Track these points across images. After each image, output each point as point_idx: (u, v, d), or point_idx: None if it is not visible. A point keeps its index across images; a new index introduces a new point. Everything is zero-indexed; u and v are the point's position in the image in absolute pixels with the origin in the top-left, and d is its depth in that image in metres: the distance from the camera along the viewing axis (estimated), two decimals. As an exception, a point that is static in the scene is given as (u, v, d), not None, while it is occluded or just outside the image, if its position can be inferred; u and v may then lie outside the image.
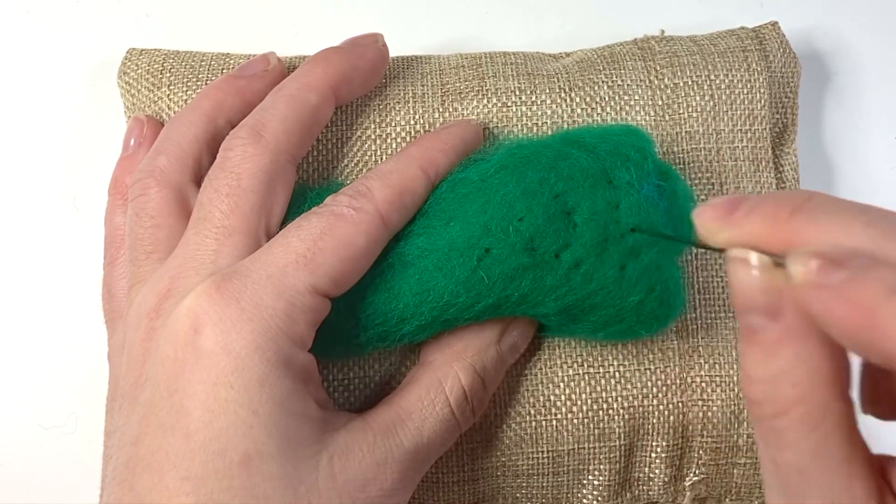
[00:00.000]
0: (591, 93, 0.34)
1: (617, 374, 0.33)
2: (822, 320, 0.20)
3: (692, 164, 0.34)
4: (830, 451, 0.21)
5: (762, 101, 0.35)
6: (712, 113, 0.35)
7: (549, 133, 0.34)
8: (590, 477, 0.34)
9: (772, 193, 0.23)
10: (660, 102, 0.35)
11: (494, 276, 0.29)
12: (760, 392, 0.22)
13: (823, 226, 0.21)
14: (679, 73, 0.35)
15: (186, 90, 0.34)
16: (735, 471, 0.34)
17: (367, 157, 0.34)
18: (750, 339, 0.22)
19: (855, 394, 0.21)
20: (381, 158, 0.34)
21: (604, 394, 0.33)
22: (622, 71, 0.35)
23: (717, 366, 0.33)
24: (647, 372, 0.33)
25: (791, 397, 0.21)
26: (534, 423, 0.33)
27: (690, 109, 0.35)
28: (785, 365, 0.21)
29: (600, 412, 0.33)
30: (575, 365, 0.33)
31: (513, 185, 0.29)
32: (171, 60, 0.35)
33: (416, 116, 0.34)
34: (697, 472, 0.34)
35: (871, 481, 0.21)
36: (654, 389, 0.33)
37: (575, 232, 0.29)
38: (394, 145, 0.34)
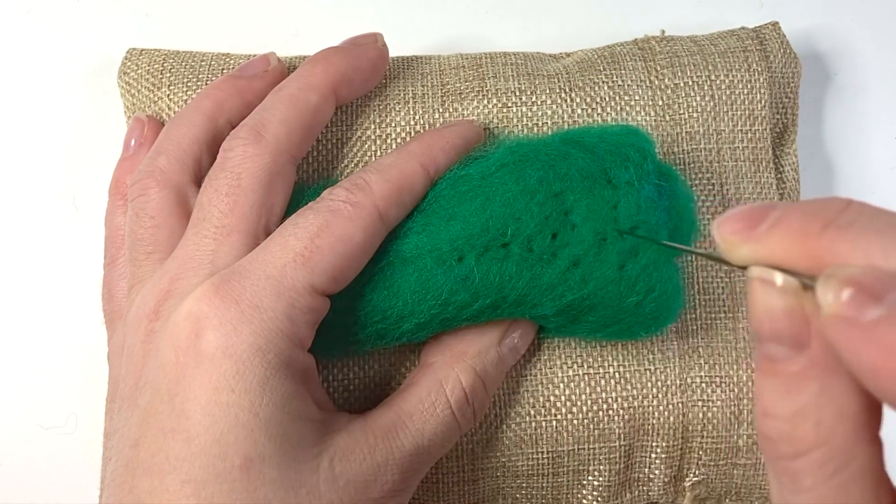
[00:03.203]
0: (592, 93, 0.34)
1: (617, 374, 0.33)
2: (848, 360, 0.17)
3: (692, 165, 0.34)
4: (853, 499, 0.19)
5: (762, 102, 0.35)
6: (713, 113, 0.35)
7: (549, 133, 0.34)
8: (590, 478, 0.34)
9: (802, 202, 0.20)
10: (660, 103, 0.34)
11: (493, 274, 0.29)
12: (777, 430, 0.19)
13: (861, 243, 0.18)
14: (679, 74, 0.35)
15: (187, 90, 0.34)
16: (735, 471, 0.34)
17: (366, 158, 0.34)
18: (769, 369, 0.19)
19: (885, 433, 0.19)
20: (382, 159, 0.34)
21: (604, 394, 0.33)
22: (622, 71, 0.35)
23: (717, 366, 0.33)
24: (647, 372, 0.33)
25: (812, 438, 0.19)
26: (534, 424, 0.33)
27: (691, 110, 0.35)
28: (807, 402, 0.19)
29: (600, 413, 0.33)
30: (575, 366, 0.33)
31: (512, 183, 0.29)
32: (172, 60, 0.35)
33: (416, 117, 0.34)
34: (697, 472, 0.34)
35: None
36: (654, 390, 0.33)
37: (573, 231, 0.29)
38: (394, 146, 0.34)
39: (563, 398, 0.33)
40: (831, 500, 0.19)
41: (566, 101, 0.34)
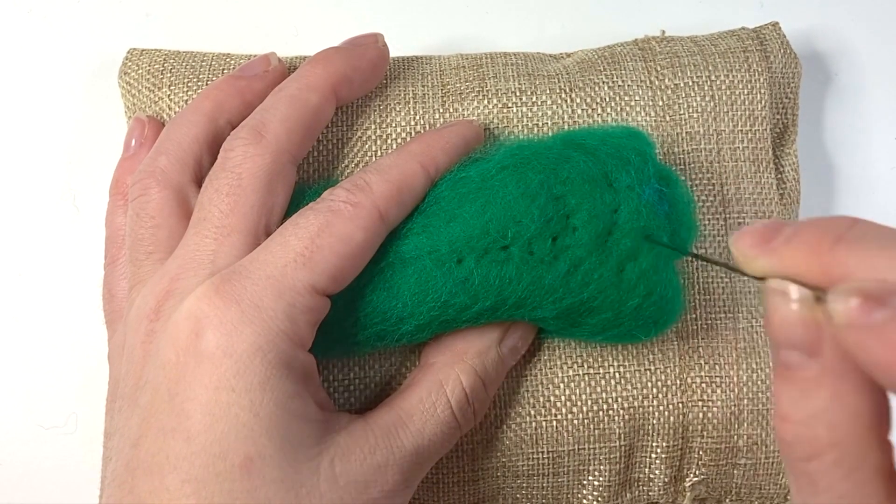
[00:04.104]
0: (592, 93, 0.34)
1: (617, 374, 0.33)
2: (863, 362, 0.19)
3: (693, 165, 0.34)
4: (866, 498, 0.20)
5: (763, 102, 0.35)
6: (713, 113, 0.35)
7: (550, 134, 0.34)
8: (590, 478, 0.34)
9: (814, 220, 0.21)
10: (660, 103, 0.34)
11: (493, 276, 0.29)
12: (794, 433, 0.21)
13: (868, 258, 0.19)
14: (680, 74, 0.35)
15: (187, 90, 0.34)
16: (735, 471, 0.34)
17: (367, 158, 0.34)
18: (786, 375, 0.21)
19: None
20: (382, 159, 0.34)
21: (604, 394, 0.33)
22: (623, 71, 0.35)
23: (717, 367, 0.33)
24: (647, 373, 0.33)
25: (826, 441, 0.20)
26: (534, 424, 0.33)
27: (691, 110, 0.35)
28: (821, 406, 0.20)
29: (600, 413, 0.33)
30: (575, 366, 0.33)
31: (513, 186, 0.29)
32: (172, 61, 0.35)
33: (417, 117, 0.34)
34: (697, 472, 0.34)
35: None
36: (654, 390, 0.33)
37: (574, 235, 0.29)
38: (394, 146, 0.34)
39: (563, 398, 0.33)
40: (846, 500, 0.20)
41: (566, 101, 0.34)
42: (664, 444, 0.33)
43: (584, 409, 0.33)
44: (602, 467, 0.33)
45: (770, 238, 0.21)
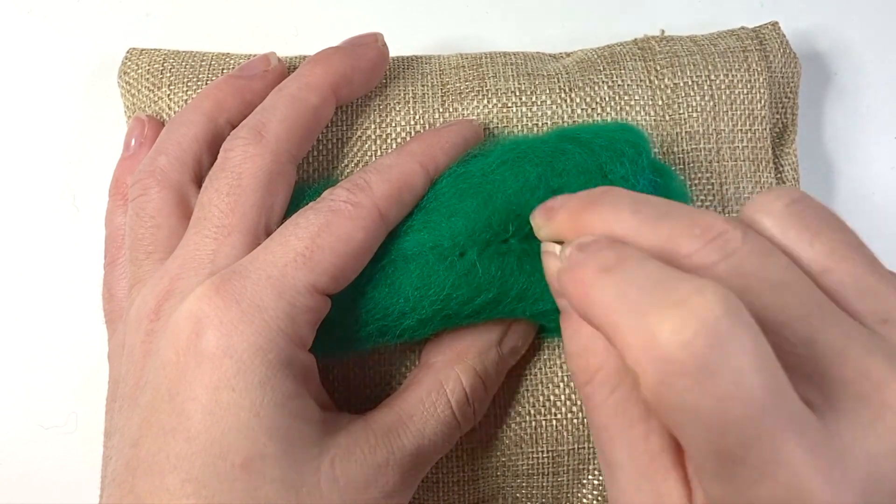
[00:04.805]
0: (592, 93, 0.34)
1: (617, 374, 0.33)
2: (568, 300, 0.23)
3: (692, 165, 0.34)
4: (628, 409, 0.23)
5: (762, 101, 0.35)
6: (712, 113, 0.35)
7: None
8: (590, 477, 0.34)
9: (582, 191, 0.26)
10: (660, 102, 0.35)
11: (495, 268, 0.29)
12: (573, 364, 0.25)
13: (602, 217, 0.24)
14: (679, 73, 0.35)
15: (187, 90, 0.34)
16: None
17: (367, 158, 0.34)
18: (563, 318, 0.26)
19: None
20: (382, 159, 0.34)
21: (604, 394, 0.33)
22: (622, 71, 0.35)
23: (717, 366, 0.33)
24: (648, 372, 0.33)
25: (594, 366, 0.24)
26: (534, 423, 0.33)
27: (690, 109, 0.35)
28: (585, 340, 0.25)
29: (600, 412, 0.33)
30: (575, 365, 0.33)
31: (512, 180, 0.29)
32: (172, 60, 0.35)
33: (417, 117, 0.34)
34: (697, 472, 0.34)
35: (669, 438, 0.23)
36: (655, 390, 0.33)
37: None
38: (394, 146, 0.34)
39: (562, 397, 0.33)
40: (613, 410, 0.24)
41: (566, 101, 0.34)
42: (664, 444, 0.33)
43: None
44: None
45: (553, 208, 0.26)
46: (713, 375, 0.19)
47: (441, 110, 0.34)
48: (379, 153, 0.34)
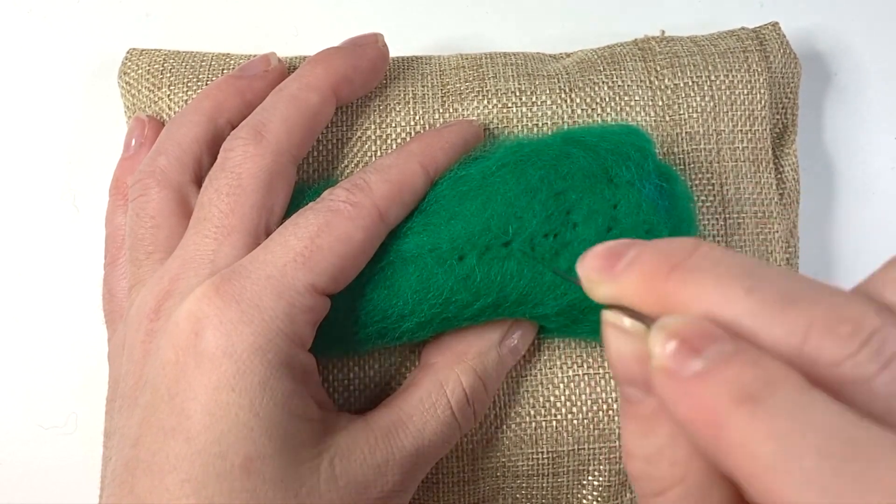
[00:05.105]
0: (592, 93, 0.34)
1: (617, 374, 0.33)
2: (670, 411, 0.17)
3: (692, 165, 0.34)
4: None
5: (762, 102, 0.35)
6: (712, 114, 0.35)
7: (550, 133, 0.34)
8: (590, 478, 0.34)
9: (658, 242, 0.20)
10: (660, 103, 0.34)
11: (494, 273, 0.29)
12: (639, 469, 0.20)
13: (700, 289, 0.18)
14: (679, 74, 0.35)
15: (187, 90, 0.34)
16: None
17: (367, 158, 0.34)
18: (628, 411, 0.20)
19: None
20: (382, 159, 0.34)
21: (603, 394, 0.33)
22: (622, 71, 0.35)
23: (717, 366, 0.33)
24: (647, 372, 0.33)
25: (669, 478, 0.19)
26: (533, 424, 0.33)
27: (691, 110, 0.35)
28: (662, 443, 0.19)
29: (600, 413, 0.33)
30: (574, 366, 0.33)
31: (513, 182, 0.29)
32: (172, 60, 0.35)
33: (417, 117, 0.34)
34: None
35: None
36: (654, 390, 0.33)
37: (575, 230, 0.29)
38: (394, 146, 0.34)
39: (563, 398, 0.33)
40: None
41: (566, 101, 0.34)
42: (664, 444, 0.33)
43: (584, 409, 0.33)
44: (602, 467, 0.33)
45: (613, 262, 0.20)
46: None
47: (441, 111, 0.34)
48: (379, 153, 0.34)
